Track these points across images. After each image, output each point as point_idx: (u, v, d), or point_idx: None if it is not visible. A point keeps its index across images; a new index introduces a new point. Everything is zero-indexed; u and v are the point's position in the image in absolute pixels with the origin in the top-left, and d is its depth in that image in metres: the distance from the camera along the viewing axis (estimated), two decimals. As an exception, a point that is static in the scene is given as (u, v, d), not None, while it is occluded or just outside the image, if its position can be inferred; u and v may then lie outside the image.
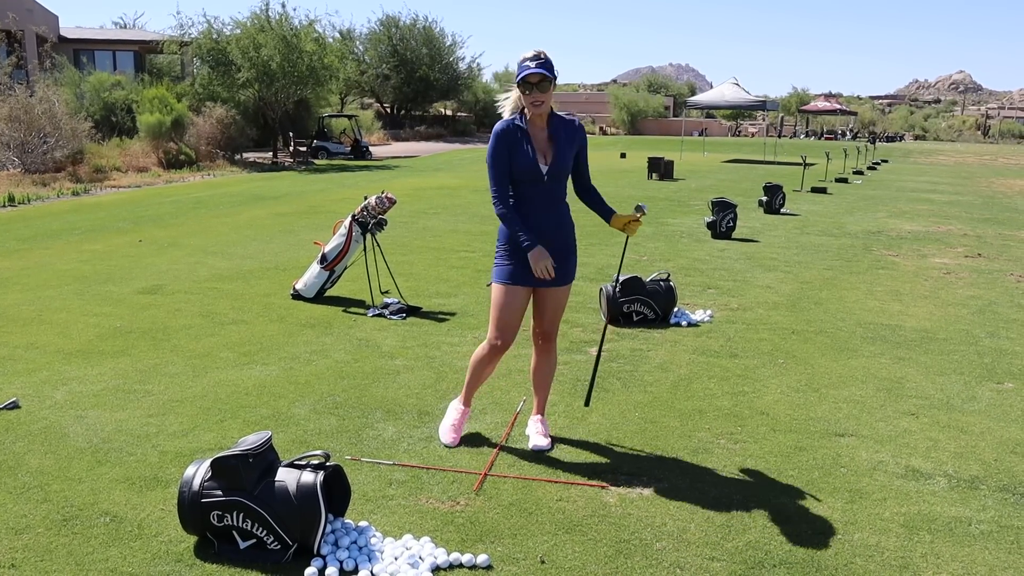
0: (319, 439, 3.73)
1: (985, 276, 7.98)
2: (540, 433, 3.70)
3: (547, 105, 3.32)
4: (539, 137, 3.39)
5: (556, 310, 3.58)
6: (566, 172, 3.44)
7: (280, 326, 5.66)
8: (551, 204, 3.42)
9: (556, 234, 3.45)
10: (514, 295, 3.45)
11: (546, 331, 3.62)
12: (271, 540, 2.74)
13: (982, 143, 61.37)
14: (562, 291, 3.54)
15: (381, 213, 6.32)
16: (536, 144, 3.38)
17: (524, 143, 3.36)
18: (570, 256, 3.52)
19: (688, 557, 2.80)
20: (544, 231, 3.41)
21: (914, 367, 4.96)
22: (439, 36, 41.62)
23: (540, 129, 3.39)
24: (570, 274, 3.54)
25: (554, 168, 3.37)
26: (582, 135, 3.46)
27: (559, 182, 3.42)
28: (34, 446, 3.61)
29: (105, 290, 6.71)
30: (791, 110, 61.40)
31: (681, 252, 9.00)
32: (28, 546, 2.80)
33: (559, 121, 3.42)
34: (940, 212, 13.68)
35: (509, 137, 3.37)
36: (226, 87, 23.18)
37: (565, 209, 3.49)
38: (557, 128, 3.40)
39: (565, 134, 3.40)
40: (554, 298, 3.53)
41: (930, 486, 3.37)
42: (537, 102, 3.28)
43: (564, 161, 3.39)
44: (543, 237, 3.39)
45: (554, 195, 3.42)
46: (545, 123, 3.39)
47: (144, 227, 10.46)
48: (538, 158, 3.37)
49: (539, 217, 3.41)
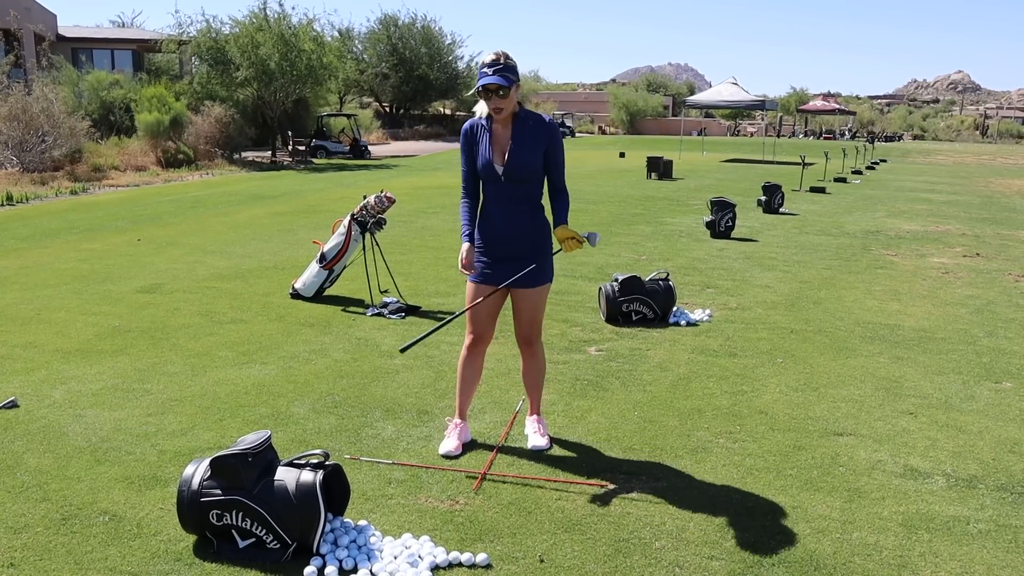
0: (318, 438, 3.73)
1: (983, 276, 7.99)
2: (538, 433, 3.70)
3: (507, 110, 3.28)
4: (501, 137, 3.36)
5: (531, 312, 3.52)
6: (529, 174, 3.34)
7: (279, 325, 5.66)
8: (510, 205, 3.37)
9: (513, 236, 3.39)
10: (482, 292, 3.47)
11: (524, 334, 3.58)
12: (270, 539, 2.74)
13: (980, 143, 61.43)
14: (535, 293, 3.48)
15: (380, 212, 6.32)
16: (496, 144, 3.35)
17: (484, 142, 3.36)
18: (532, 259, 3.42)
19: (687, 556, 2.81)
20: (499, 232, 3.39)
21: (912, 366, 4.97)
22: (438, 35, 41.63)
23: (504, 128, 3.36)
24: (539, 277, 3.46)
25: (511, 168, 3.31)
26: (550, 134, 3.35)
27: (521, 183, 3.35)
28: (33, 445, 3.61)
29: (104, 289, 6.71)
30: (790, 110, 61.42)
31: (680, 251, 9.00)
32: (27, 545, 2.80)
33: (527, 121, 3.34)
34: (938, 212, 13.69)
35: (471, 135, 3.40)
36: (225, 86, 23.17)
37: (530, 211, 3.40)
38: (522, 128, 3.33)
39: (531, 134, 3.32)
40: (526, 300, 3.49)
41: (928, 485, 3.38)
42: (497, 108, 3.26)
43: (522, 162, 3.31)
44: (496, 238, 3.39)
45: (515, 196, 3.36)
46: (510, 123, 3.35)
47: (143, 226, 10.46)
48: (495, 157, 3.34)
49: (497, 217, 3.39)
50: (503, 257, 3.43)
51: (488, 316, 3.53)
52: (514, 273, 3.41)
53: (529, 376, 3.70)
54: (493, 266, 3.45)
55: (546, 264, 3.50)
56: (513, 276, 3.41)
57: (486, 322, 3.54)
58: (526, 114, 3.37)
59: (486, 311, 3.51)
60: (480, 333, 3.54)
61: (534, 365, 3.66)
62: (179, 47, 24.36)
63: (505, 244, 3.41)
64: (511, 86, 3.23)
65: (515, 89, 3.26)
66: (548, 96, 63.34)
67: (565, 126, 48.81)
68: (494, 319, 3.56)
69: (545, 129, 3.36)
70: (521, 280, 3.42)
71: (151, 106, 20.51)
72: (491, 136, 3.36)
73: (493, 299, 3.49)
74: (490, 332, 3.58)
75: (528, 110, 3.39)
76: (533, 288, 3.48)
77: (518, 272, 3.41)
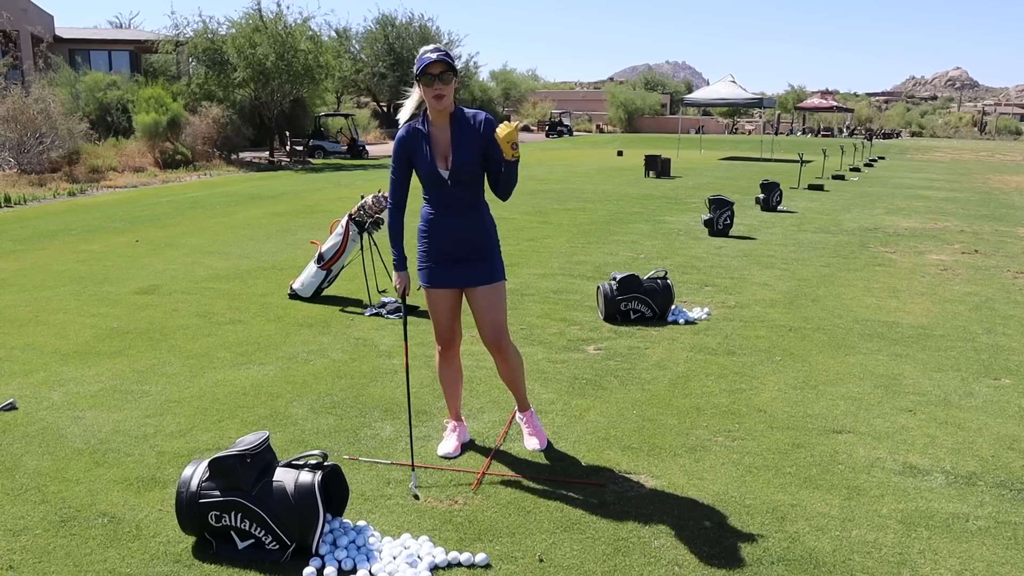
0: (317, 439, 3.73)
1: (982, 272, 7.99)
2: (529, 433, 3.67)
3: (449, 100, 3.16)
4: (440, 140, 3.25)
5: (490, 311, 3.41)
6: (473, 174, 3.27)
7: (277, 326, 5.65)
8: (458, 206, 3.31)
9: (463, 237, 3.33)
10: (440, 297, 3.43)
11: (490, 338, 3.44)
12: (269, 540, 2.74)
13: (979, 139, 61.47)
14: (490, 291, 3.40)
15: (378, 212, 6.31)
16: (436, 148, 3.26)
17: (424, 147, 3.25)
18: (484, 257, 3.37)
19: (686, 554, 2.80)
20: (451, 234, 3.32)
21: (911, 364, 4.97)
22: (435, 35, 41.56)
23: (442, 130, 3.25)
24: (493, 274, 3.41)
25: (456, 172, 3.24)
26: (489, 130, 3.24)
27: (467, 185, 3.28)
28: (31, 447, 3.60)
29: (102, 290, 6.70)
30: (788, 107, 61.44)
31: (678, 250, 9.00)
32: (26, 547, 2.80)
33: (463, 120, 3.25)
34: (937, 209, 13.70)
35: (409, 143, 3.27)
36: (222, 86, 23.14)
37: (477, 210, 3.35)
38: (461, 128, 3.24)
39: (469, 134, 3.23)
40: (484, 299, 3.39)
41: (928, 482, 3.38)
42: (439, 95, 3.14)
43: (466, 163, 3.23)
44: (449, 240, 3.32)
45: (462, 198, 3.30)
46: (447, 123, 3.24)
47: (141, 227, 10.45)
48: (438, 162, 3.25)
49: (446, 220, 3.31)
50: (453, 259, 3.35)
51: (451, 319, 3.48)
52: (468, 273, 3.36)
53: (505, 375, 3.60)
54: (445, 268, 3.37)
55: (496, 262, 3.43)
56: (467, 276, 3.35)
57: (451, 324, 3.49)
58: (461, 112, 3.27)
59: (447, 315, 3.46)
60: (447, 336, 3.51)
61: (507, 365, 3.55)
62: (176, 48, 24.33)
63: (455, 246, 3.33)
64: (454, 72, 3.16)
65: (455, 81, 3.18)
66: (546, 95, 63.28)
67: (563, 124, 48.81)
68: (456, 321, 3.51)
69: (481, 124, 3.25)
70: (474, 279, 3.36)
71: (148, 107, 20.49)
72: (431, 139, 3.25)
73: (450, 304, 3.44)
74: (457, 336, 3.54)
75: (463, 108, 3.28)
76: (488, 286, 3.39)
77: (472, 272, 3.36)
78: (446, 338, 3.52)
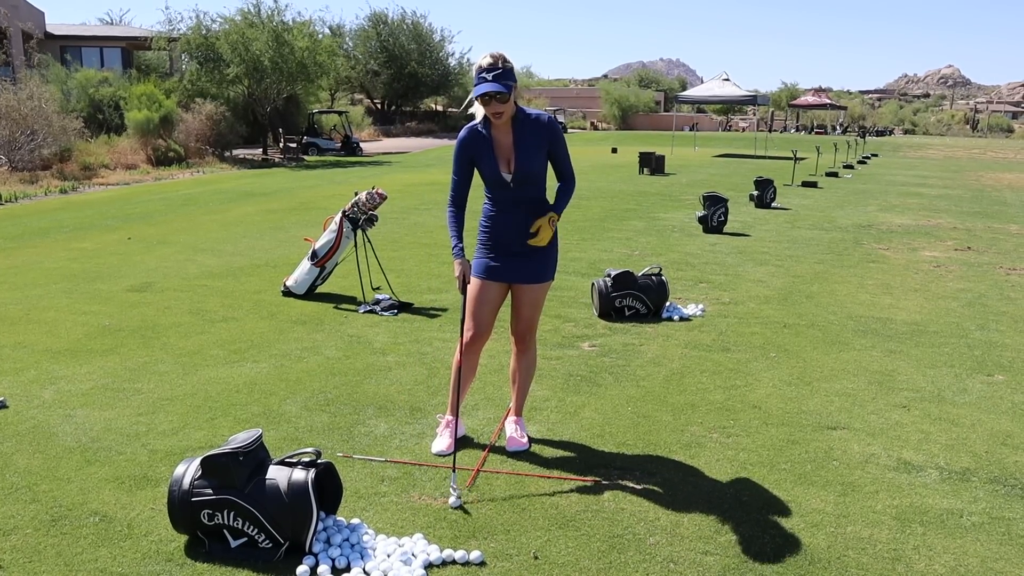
0: (310, 436, 3.71)
1: (975, 269, 8.02)
2: (515, 435, 3.65)
3: (507, 115, 3.22)
4: (503, 143, 3.30)
5: (532, 308, 3.51)
6: (536, 176, 3.31)
7: (271, 323, 5.63)
8: (519, 206, 3.35)
9: (524, 231, 3.36)
10: (487, 289, 3.45)
11: (521, 330, 3.56)
12: (262, 538, 2.72)
13: (971, 137, 61.66)
14: (538, 289, 3.48)
15: (372, 209, 6.29)
16: (499, 151, 3.29)
17: (486, 151, 3.29)
18: (540, 256, 3.43)
19: (682, 551, 2.80)
20: (509, 232, 3.37)
21: (905, 360, 4.97)
22: (428, 32, 41.48)
23: (504, 134, 3.29)
24: (545, 274, 3.47)
25: (519, 175, 3.28)
26: (552, 132, 3.30)
27: (529, 185, 3.32)
28: (22, 446, 3.58)
29: (94, 288, 6.67)
30: (781, 105, 61.50)
31: (673, 246, 9.00)
32: (16, 547, 2.78)
33: (526, 123, 3.28)
34: (930, 206, 13.74)
35: (471, 146, 3.32)
36: (215, 83, 23.07)
37: (538, 207, 3.37)
38: (523, 131, 3.27)
39: (532, 137, 3.27)
40: (529, 295, 3.48)
41: (922, 478, 3.38)
42: (497, 114, 3.20)
43: (529, 167, 3.28)
44: (506, 238, 3.37)
45: (523, 197, 3.34)
46: (510, 128, 3.28)
47: (133, 225, 10.40)
48: (500, 165, 3.29)
49: (505, 219, 3.36)
50: (511, 252, 3.40)
51: (490, 313, 3.50)
52: (521, 268, 3.40)
53: (520, 372, 3.65)
54: (500, 261, 3.41)
55: (550, 262, 3.49)
56: (520, 271, 3.40)
57: (487, 319, 3.50)
58: (524, 116, 3.29)
59: (488, 308, 3.48)
60: (481, 330, 3.50)
61: (526, 362, 3.63)
62: (169, 44, 24.22)
63: (514, 240, 3.38)
64: (510, 92, 3.16)
65: (513, 92, 3.20)
66: (540, 92, 63.25)
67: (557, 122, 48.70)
68: (495, 316, 3.53)
69: (545, 129, 3.30)
70: (526, 275, 3.41)
71: (141, 104, 20.39)
72: (493, 144, 3.29)
73: (495, 296, 3.47)
74: (490, 329, 3.55)
75: (525, 110, 3.30)
76: (537, 284, 3.47)
77: (525, 268, 3.41)
78: (480, 330, 3.50)
